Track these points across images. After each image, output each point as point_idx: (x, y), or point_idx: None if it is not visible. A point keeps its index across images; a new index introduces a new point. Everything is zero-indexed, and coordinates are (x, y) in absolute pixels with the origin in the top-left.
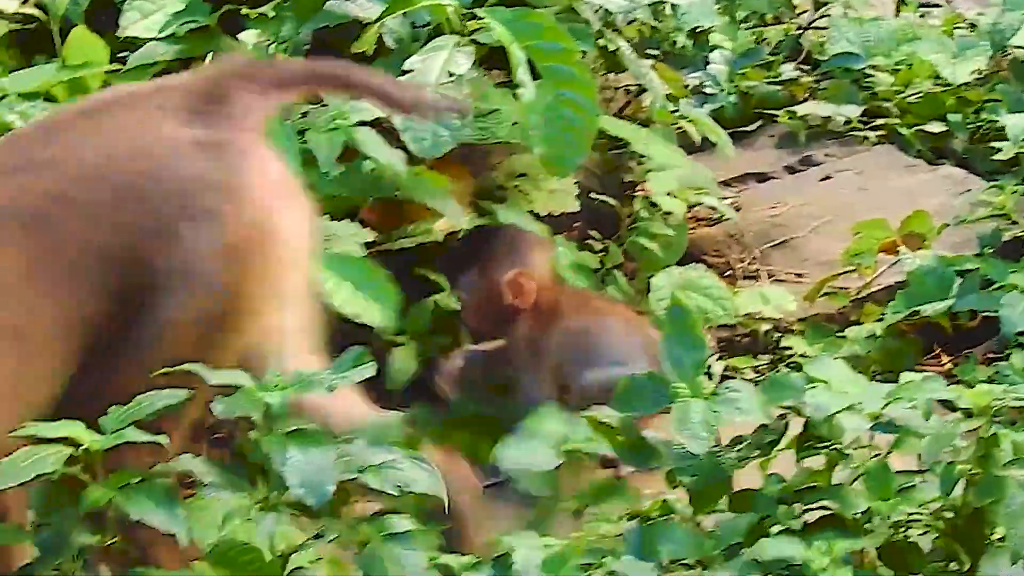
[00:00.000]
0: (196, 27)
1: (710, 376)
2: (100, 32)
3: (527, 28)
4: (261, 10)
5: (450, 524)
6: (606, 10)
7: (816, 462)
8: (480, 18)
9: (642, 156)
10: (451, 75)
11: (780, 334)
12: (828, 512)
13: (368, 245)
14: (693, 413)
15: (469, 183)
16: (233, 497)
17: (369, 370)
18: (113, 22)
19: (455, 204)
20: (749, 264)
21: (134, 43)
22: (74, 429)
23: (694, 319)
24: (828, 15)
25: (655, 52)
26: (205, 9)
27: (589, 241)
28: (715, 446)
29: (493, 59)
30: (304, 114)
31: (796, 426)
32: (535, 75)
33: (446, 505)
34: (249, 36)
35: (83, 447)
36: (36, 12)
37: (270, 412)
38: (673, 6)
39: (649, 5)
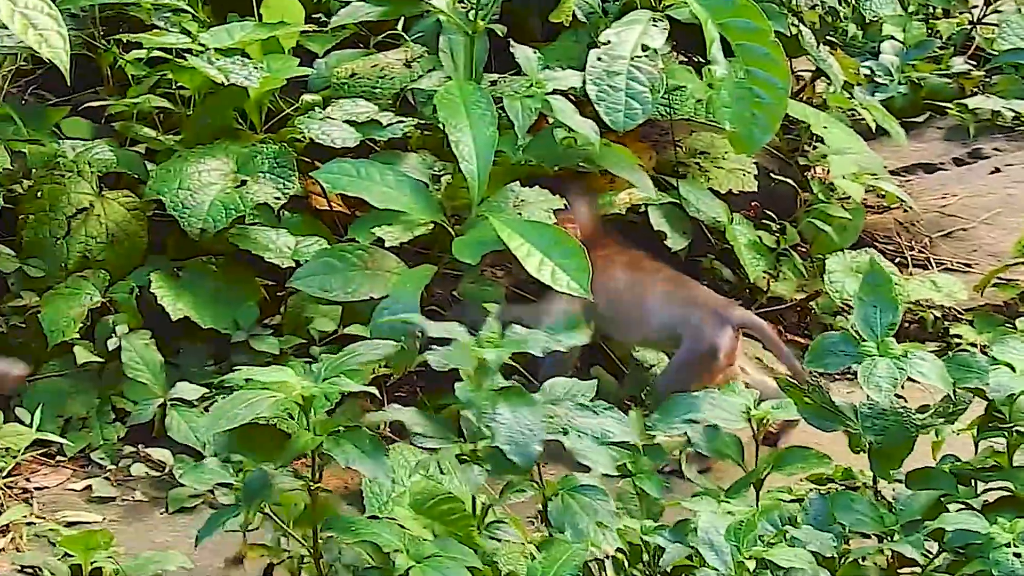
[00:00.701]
0: None
1: None
2: None
3: (722, 6)
4: None
5: None
6: None
7: (997, 443)
8: None
9: (818, 139)
10: (645, 49)
11: (948, 322)
12: (1008, 493)
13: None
14: (879, 369)
15: (651, 158)
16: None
17: (583, 336)
18: None
19: (645, 176)
20: (919, 252)
21: (328, 5)
22: (286, 376)
23: (889, 283)
24: (999, 11)
25: (831, 38)
26: None
27: (765, 221)
28: (902, 408)
29: (678, 37)
30: (493, 82)
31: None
32: (727, 53)
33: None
34: (441, 2)
35: (296, 393)
36: None
37: (484, 367)
38: None
39: None
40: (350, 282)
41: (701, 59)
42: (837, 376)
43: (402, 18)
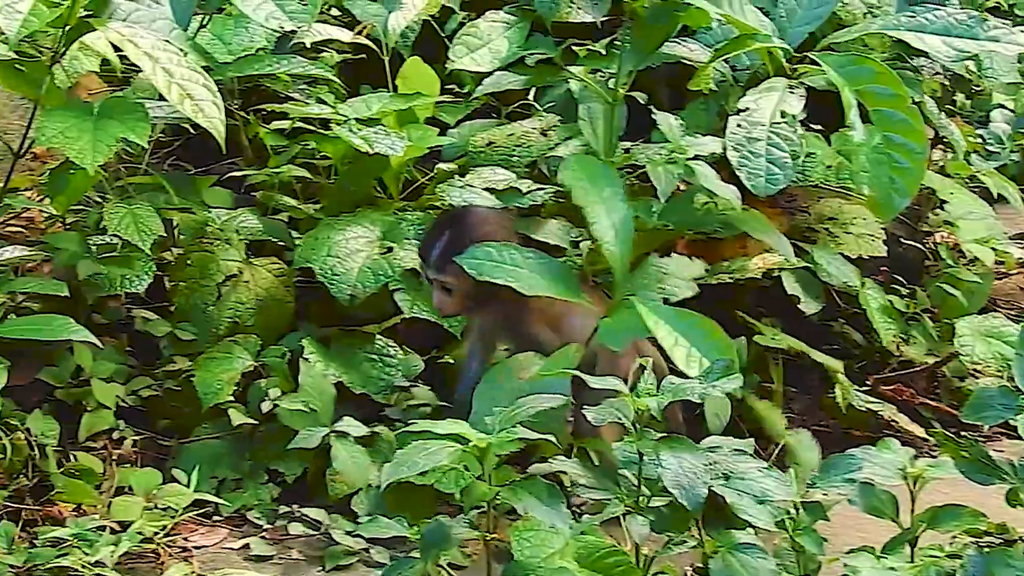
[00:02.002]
0: (542, 59)
1: None
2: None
3: (860, 73)
4: (594, 47)
5: None
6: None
7: None
8: (808, 62)
9: (939, 205)
10: (783, 115)
11: None
12: None
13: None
14: None
15: (781, 224)
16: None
17: (737, 380)
18: (433, 55)
19: (785, 241)
20: None
21: (458, 76)
22: (462, 427)
23: None
24: None
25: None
26: (549, 43)
27: (894, 285)
28: None
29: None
30: (626, 150)
31: None
32: (863, 119)
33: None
34: (580, 70)
35: (472, 444)
36: (367, 42)
37: (643, 417)
38: (978, 61)
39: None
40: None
41: (825, 126)
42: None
43: (533, 89)
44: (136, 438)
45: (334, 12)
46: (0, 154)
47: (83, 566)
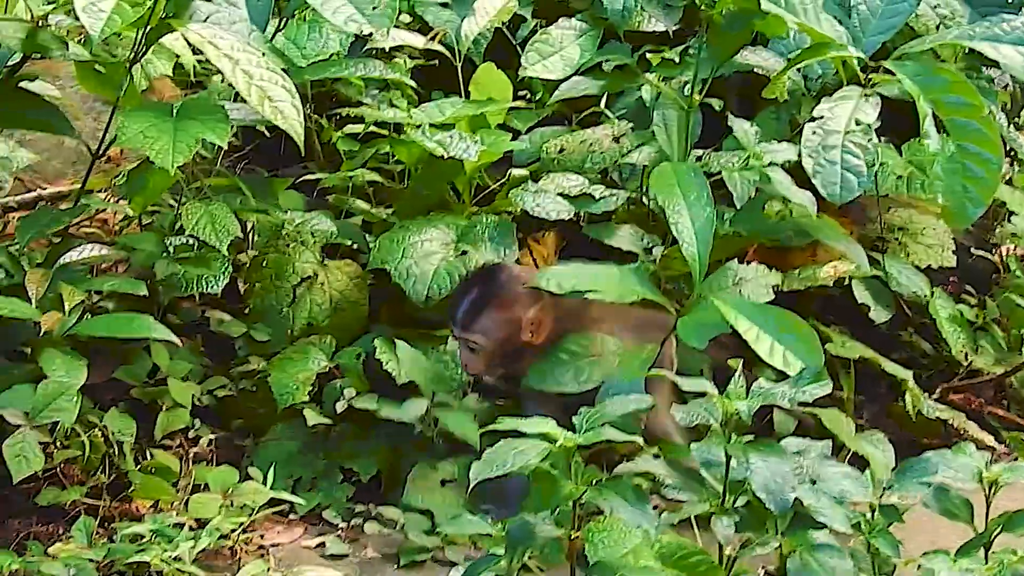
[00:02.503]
0: (618, 65)
1: None
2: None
3: (935, 82)
4: (667, 55)
5: None
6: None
7: None
8: (881, 71)
9: (1010, 217)
10: (858, 123)
11: None
12: None
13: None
14: None
15: (854, 233)
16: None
17: (826, 387)
18: (504, 61)
19: (859, 248)
20: None
21: (530, 83)
22: (550, 427)
23: None
24: None
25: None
26: (625, 49)
27: (963, 296)
28: None
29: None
30: (698, 158)
31: None
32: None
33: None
34: (653, 77)
35: (559, 444)
36: (440, 48)
37: (730, 420)
38: None
39: None
40: (580, 373)
41: (896, 138)
42: None
43: (604, 96)
44: (212, 437)
45: (404, 18)
46: (75, 156)
47: (162, 562)
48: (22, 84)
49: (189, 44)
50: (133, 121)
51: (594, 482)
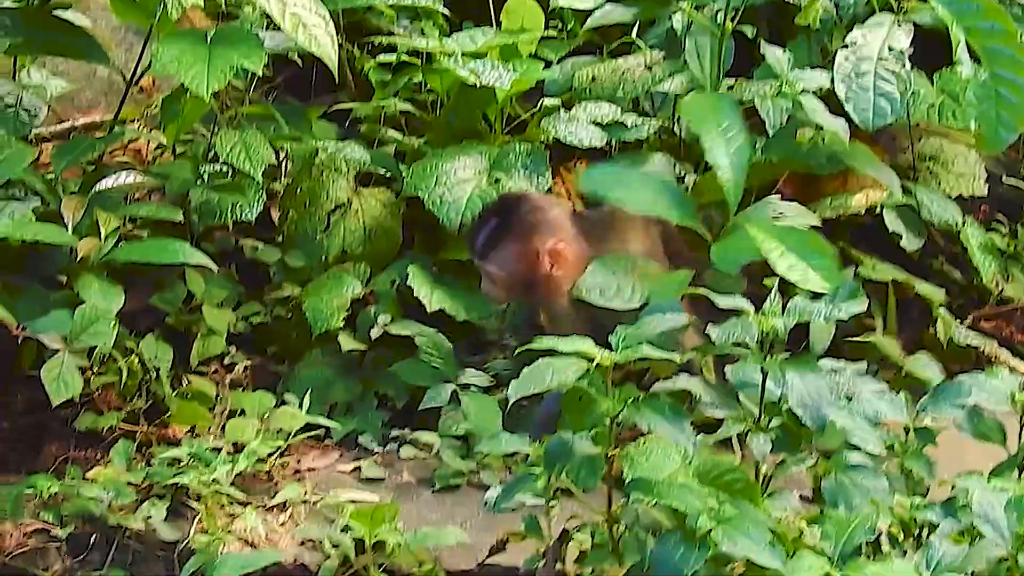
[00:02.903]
0: None
1: None
2: None
3: (968, 9)
4: None
5: None
6: None
7: None
8: None
9: None
10: (891, 49)
11: None
12: None
13: None
14: None
15: (885, 162)
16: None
17: (861, 304)
18: None
19: (892, 174)
20: None
21: (560, 14)
22: (587, 345)
23: None
24: None
25: None
26: None
27: (994, 224)
28: None
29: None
30: (730, 87)
31: None
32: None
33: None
34: (686, 5)
35: (595, 362)
36: None
37: (766, 338)
38: None
39: None
40: (623, 290)
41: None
42: None
43: (636, 25)
44: (247, 364)
45: None
46: (107, 86)
47: (200, 484)
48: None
49: None
50: (168, 48)
51: (631, 400)
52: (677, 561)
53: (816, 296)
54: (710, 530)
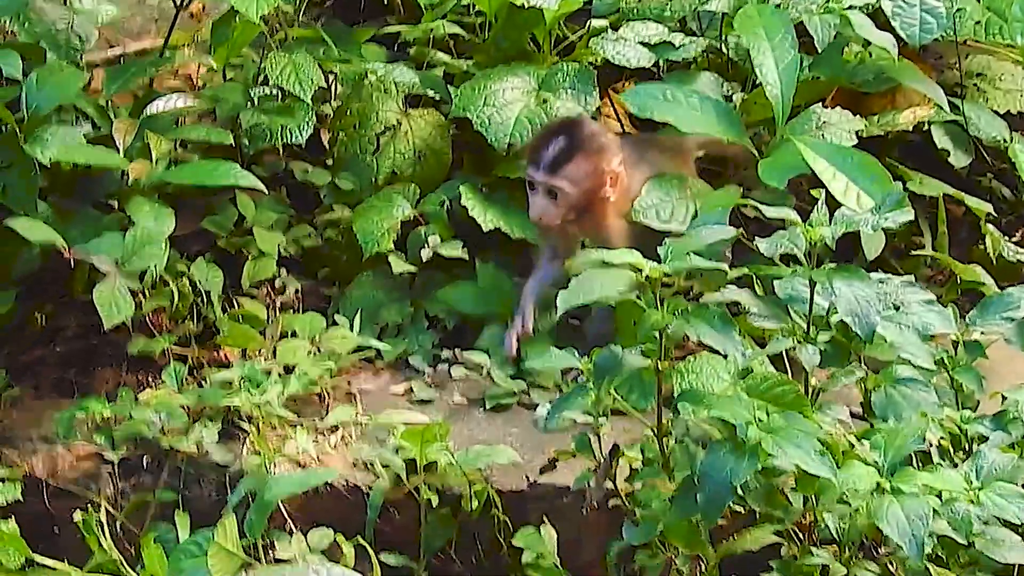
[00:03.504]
0: None
1: None
2: None
3: None
4: None
5: None
6: None
7: None
8: None
9: None
10: None
11: None
12: None
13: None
14: None
15: (932, 79)
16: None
17: (908, 214)
18: None
19: (938, 89)
20: None
21: None
22: (636, 257)
23: None
24: None
25: None
26: None
27: None
28: None
29: None
30: (777, 5)
31: None
32: None
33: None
34: None
35: (645, 273)
36: None
37: (814, 248)
38: None
39: None
40: (679, 210)
41: None
42: None
43: None
44: (298, 286)
45: None
46: (156, 13)
47: (252, 406)
48: None
49: None
50: None
51: (681, 311)
52: (727, 472)
53: None
54: (759, 441)
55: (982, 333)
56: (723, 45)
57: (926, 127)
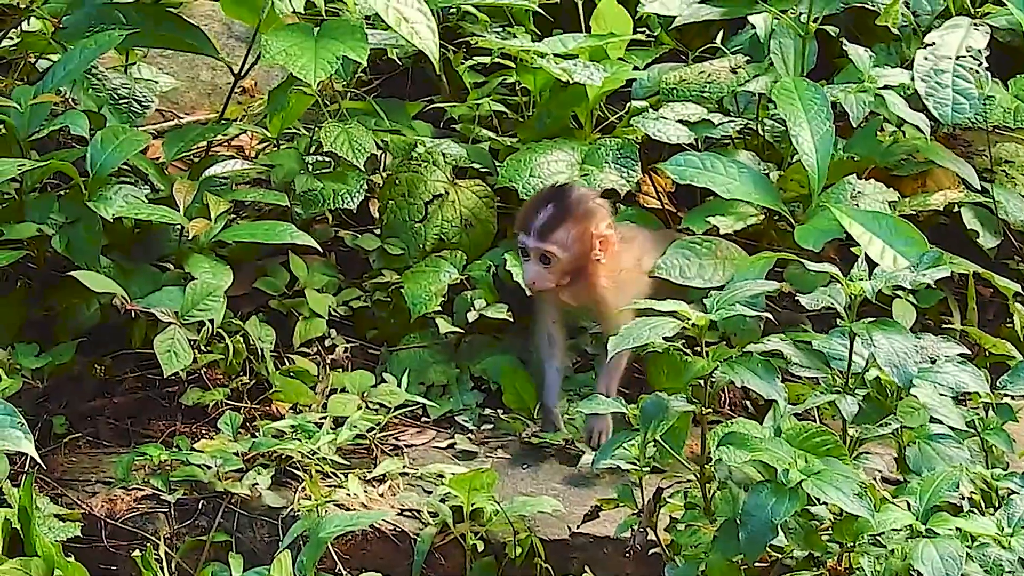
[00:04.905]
0: None
1: None
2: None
3: None
4: None
5: None
6: None
7: None
8: (992, 1)
9: None
10: (968, 50)
11: None
12: None
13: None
14: None
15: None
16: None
17: (945, 271)
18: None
19: (971, 169)
20: None
21: (647, 21)
22: (681, 307)
23: None
24: None
25: None
26: None
27: None
28: None
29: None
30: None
31: None
32: None
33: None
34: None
35: (691, 321)
36: None
37: (854, 302)
38: None
39: None
40: (704, 270)
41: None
42: None
43: (720, 32)
44: (347, 345)
45: None
46: (209, 88)
47: (303, 454)
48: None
49: None
50: (277, 40)
51: (725, 359)
52: (769, 511)
53: None
54: (800, 483)
55: (1012, 398)
56: (759, 126)
57: (956, 209)
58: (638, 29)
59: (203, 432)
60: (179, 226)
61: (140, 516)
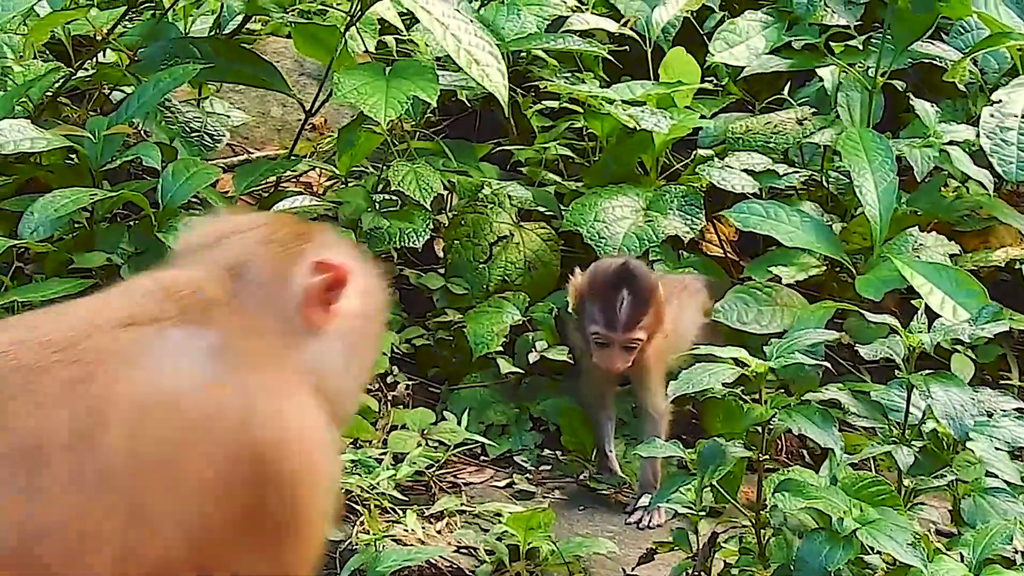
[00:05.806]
0: (807, 44)
1: None
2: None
3: None
4: (851, 43)
5: None
6: None
7: None
8: None
9: None
10: None
11: None
12: None
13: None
14: None
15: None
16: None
17: (1004, 325)
18: (690, 50)
19: None
20: None
21: (715, 71)
22: (741, 353)
23: None
24: None
25: None
26: (814, 31)
27: None
28: None
29: None
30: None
31: None
32: None
33: None
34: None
35: (750, 368)
36: (630, 33)
37: (912, 354)
38: None
39: None
40: (762, 316)
41: None
42: None
43: (787, 84)
44: (408, 383)
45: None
46: (280, 124)
47: (362, 489)
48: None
49: (399, 14)
50: (349, 78)
51: (783, 406)
52: (823, 558)
53: None
54: (854, 531)
55: None
56: (824, 178)
57: (1017, 266)
58: (706, 79)
59: None
60: None
61: None
